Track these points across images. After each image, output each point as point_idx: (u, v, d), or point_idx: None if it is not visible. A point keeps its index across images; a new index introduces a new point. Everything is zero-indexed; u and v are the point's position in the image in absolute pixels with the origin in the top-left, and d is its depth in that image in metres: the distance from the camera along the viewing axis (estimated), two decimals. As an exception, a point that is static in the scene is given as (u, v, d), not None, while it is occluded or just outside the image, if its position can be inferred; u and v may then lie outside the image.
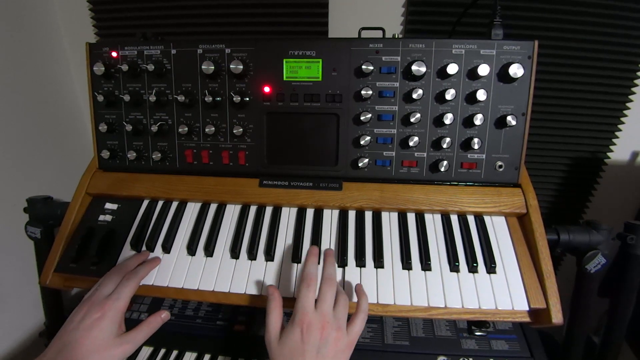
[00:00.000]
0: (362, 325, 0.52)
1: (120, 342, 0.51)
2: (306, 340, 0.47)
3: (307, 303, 0.50)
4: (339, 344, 0.49)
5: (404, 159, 0.66)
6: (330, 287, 0.52)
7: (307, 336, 0.48)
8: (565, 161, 1.08)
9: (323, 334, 0.48)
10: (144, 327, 0.55)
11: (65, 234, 0.66)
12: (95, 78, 0.69)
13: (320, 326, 0.48)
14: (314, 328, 0.48)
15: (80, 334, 0.49)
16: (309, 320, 0.49)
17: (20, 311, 0.97)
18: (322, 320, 0.49)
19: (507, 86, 0.62)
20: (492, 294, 0.57)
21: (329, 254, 0.59)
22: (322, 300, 0.51)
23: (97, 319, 0.50)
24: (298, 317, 0.49)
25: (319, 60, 0.64)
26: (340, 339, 0.49)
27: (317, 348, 0.47)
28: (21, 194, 0.76)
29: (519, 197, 0.64)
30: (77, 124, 1.18)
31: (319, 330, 0.48)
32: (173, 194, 0.69)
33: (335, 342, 0.48)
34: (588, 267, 0.66)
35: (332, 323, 0.49)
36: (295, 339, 0.48)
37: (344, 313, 0.52)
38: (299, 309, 0.50)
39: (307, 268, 0.55)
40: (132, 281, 0.55)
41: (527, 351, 0.65)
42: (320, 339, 0.48)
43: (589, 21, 0.94)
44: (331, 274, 0.54)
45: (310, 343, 0.47)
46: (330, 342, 0.48)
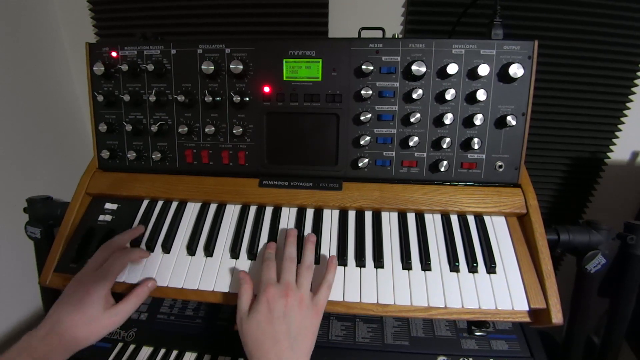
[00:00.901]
0: (327, 294, 0.54)
1: (109, 314, 0.53)
2: (272, 309, 0.50)
3: (269, 277, 0.54)
4: (304, 310, 0.51)
5: (404, 159, 0.66)
6: (290, 263, 0.55)
7: (272, 306, 0.50)
8: (565, 161, 1.08)
9: (287, 301, 0.51)
10: (132, 299, 0.56)
11: (65, 234, 0.66)
12: (95, 78, 0.69)
13: (283, 294, 0.51)
14: (278, 296, 0.51)
15: (71, 309, 0.51)
16: (272, 291, 0.51)
17: (20, 311, 0.97)
18: (285, 289, 0.52)
19: (507, 86, 0.62)
20: (492, 294, 0.57)
21: (290, 234, 0.60)
22: (283, 273, 0.54)
23: (82, 296, 0.52)
24: (262, 290, 0.52)
25: (319, 60, 0.64)
26: (305, 305, 0.52)
27: (284, 314, 0.50)
28: (21, 194, 0.76)
29: (519, 197, 0.64)
30: (77, 124, 1.18)
31: (282, 298, 0.51)
32: (173, 194, 0.69)
33: (300, 308, 0.51)
34: (588, 267, 0.66)
35: (295, 291, 0.52)
36: (262, 310, 0.50)
37: (307, 283, 0.54)
38: (262, 284, 0.53)
39: (265, 254, 0.58)
40: (120, 259, 0.57)
41: (527, 351, 0.65)
42: (285, 306, 0.50)
43: (589, 21, 0.94)
44: (291, 253, 0.57)
45: (276, 311, 0.50)
46: (295, 309, 0.51)
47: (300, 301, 0.51)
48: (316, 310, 0.53)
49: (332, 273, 0.56)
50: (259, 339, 0.49)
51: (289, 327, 0.49)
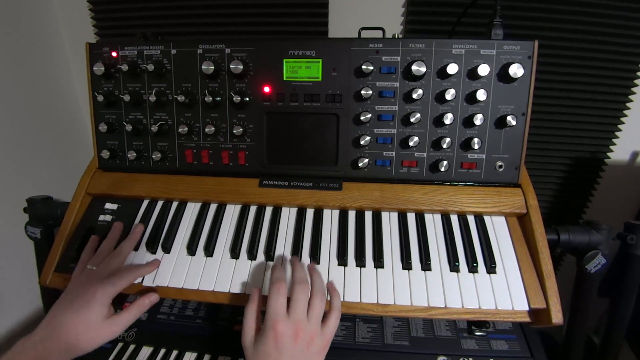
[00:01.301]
0: (337, 322, 0.52)
1: (109, 324, 0.52)
2: (280, 348, 0.47)
3: (278, 308, 0.49)
4: (312, 348, 0.49)
5: (404, 159, 0.66)
6: (302, 290, 0.51)
7: (280, 345, 0.47)
8: (565, 161, 1.08)
9: (297, 341, 0.48)
10: (132, 310, 0.56)
11: (65, 234, 0.66)
12: (95, 78, 0.69)
13: (293, 334, 0.48)
14: (287, 336, 0.47)
15: (71, 314, 0.50)
16: (281, 328, 0.47)
17: (20, 311, 0.97)
18: (296, 327, 0.48)
19: (507, 86, 0.62)
20: (492, 294, 0.57)
21: (295, 260, 0.59)
22: (295, 306, 0.50)
23: (88, 301, 0.51)
24: (270, 324, 0.48)
25: (319, 60, 0.64)
26: (314, 342, 0.49)
27: (292, 355, 0.47)
28: (21, 194, 0.76)
29: (519, 197, 0.64)
30: (77, 124, 1.18)
31: (292, 338, 0.48)
32: (173, 194, 0.69)
33: (308, 346, 0.48)
34: (588, 267, 0.66)
35: (306, 329, 0.49)
36: (269, 348, 0.47)
37: (319, 314, 0.51)
38: (271, 315, 0.49)
39: (274, 274, 0.54)
40: (131, 275, 0.57)
41: (527, 351, 0.65)
42: (294, 346, 0.47)
43: (589, 21, 0.94)
44: (302, 277, 0.53)
45: (284, 352, 0.47)
46: (304, 347, 0.48)
47: (310, 339, 0.49)
48: (324, 342, 0.50)
49: (338, 298, 0.54)
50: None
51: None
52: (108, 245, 0.61)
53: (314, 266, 0.59)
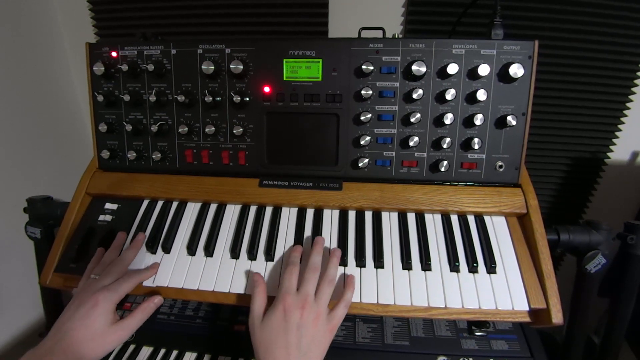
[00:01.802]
0: (343, 313, 0.54)
1: (114, 329, 0.52)
2: (287, 318, 0.49)
3: (289, 285, 0.53)
4: (318, 326, 0.50)
5: (404, 159, 0.66)
6: (313, 274, 0.54)
7: (288, 315, 0.50)
8: (565, 161, 1.08)
9: (303, 314, 0.50)
10: (137, 314, 0.55)
11: (65, 234, 0.66)
12: (95, 78, 0.69)
13: (300, 306, 0.51)
14: (295, 307, 0.50)
15: (76, 324, 0.50)
16: (290, 300, 0.51)
17: (20, 311, 0.97)
18: (303, 301, 0.51)
19: (507, 86, 0.62)
20: (492, 294, 0.57)
21: (318, 242, 0.60)
22: (304, 284, 0.53)
23: (90, 308, 0.51)
24: (280, 297, 0.52)
25: (319, 60, 0.64)
26: (320, 321, 0.51)
27: (298, 326, 0.49)
28: (21, 194, 0.76)
29: (519, 197, 0.64)
30: (77, 124, 1.18)
31: (299, 309, 0.50)
32: (173, 194, 0.69)
33: (315, 323, 0.50)
34: (588, 267, 0.66)
35: (313, 305, 0.51)
36: (277, 318, 0.50)
37: (326, 298, 0.53)
38: (281, 290, 0.52)
39: (290, 258, 0.58)
40: (132, 280, 0.56)
41: (527, 351, 0.65)
42: (300, 318, 0.50)
43: (589, 21, 0.94)
44: (316, 263, 0.56)
45: (291, 321, 0.49)
46: (309, 323, 0.50)
47: (316, 316, 0.51)
48: (330, 327, 0.52)
49: (351, 292, 0.55)
50: (271, 346, 0.49)
51: (300, 340, 0.49)
52: (111, 255, 0.61)
53: (335, 253, 0.59)
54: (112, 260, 0.60)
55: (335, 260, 0.57)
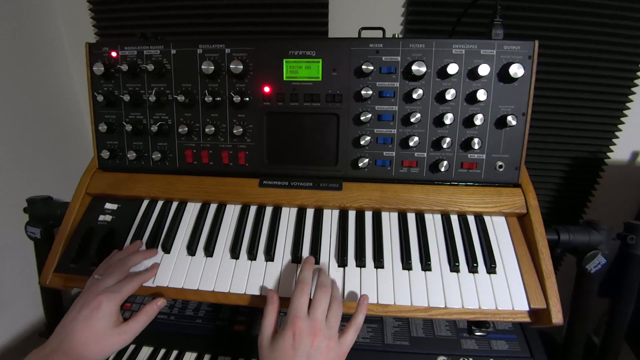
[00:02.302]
0: (354, 338, 0.52)
1: (118, 332, 0.52)
2: (297, 346, 0.47)
3: (300, 307, 0.50)
4: (330, 354, 0.49)
5: (404, 159, 0.66)
6: (324, 294, 0.52)
7: (298, 342, 0.47)
8: (565, 161, 1.08)
9: (314, 342, 0.48)
10: (141, 317, 0.55)
11: (65, 234, 0.66)
12: (95, 78, 0.69)
13: (311, 332, 0.48)
14: (305, 334, 0.48)
15: (79, 325, 0.50)
16: (300, 326, 0.48)
17: (20, 311, 0.97)
18: (314, 327, 0.49)
19: (507, 86, 0.62)
20: (492, 294, 0.57)
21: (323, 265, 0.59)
22: (316, 307, 0.51)
23: (93, 309, 0.51)
24: (290, 321, 0.49)
25: (319, 60, 0.64)
26: (332, 348, 0.49)
27: (308, 355, 0.47)
28: (21, 194, 0.76)
29: (519, 197, 0.64)
30: (77, 124, 1.18)
31: (310, 336, 0.48)
32: (173, 194, 0.69)
33: (327, 351, 0.48)
34: (588, 267, 0.66)
35: (325, 331, 0.49)
36: (286, 344, 0.48)
37: (337, 321, 0.51)
38: (292, 313, 0.50)
39: (302, 273, 0.55)
40: (135, 281, 0.56)
41: (527, 351, 0.65)
42: (311, 347, 0.48)
43: (589, 21, 0.94)
44: (325, 282, 0.54)
45: (300, 349, 0.47)
46: (321, 351, 0.48)
47: (327, 344, 0.49)
48: (341, 353, 0.50)
49: (362, 314, 0.53)
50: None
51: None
52: (116, 258, 0.60)
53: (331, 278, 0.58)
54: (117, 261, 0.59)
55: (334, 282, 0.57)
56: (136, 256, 0.60)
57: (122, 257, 0.60)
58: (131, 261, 0.59)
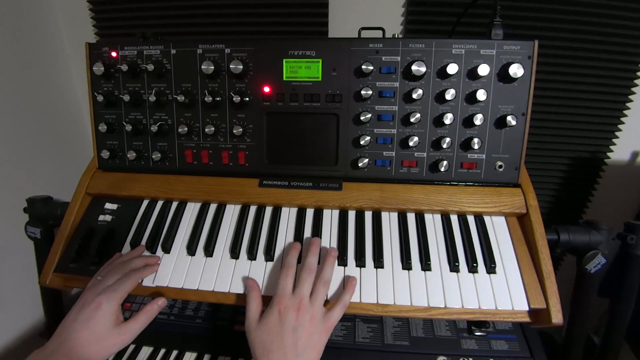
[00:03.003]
0: (340, 314, 0.54)
1: (118, 332, 0.52)
2: (283, 321, 0.50)
3: (285, 287, 0.53)
4: (314, 327, 0.51)
5: (404, 159, 0.66)
6: (308, 275, 0.55)
7: (283, 317, 0.50)
8: (565, 161, 1.08)
9: (299, 316, 0.51)
10: (141, 317, 0.55)
11: (65, 234, 0.66)
12: (95, 78, 0.69)
13: (296, 308, 0.51)
14: (290, 309, 0.51)
15: (79, 326, 0.50)
16: (285, 302, 0.52)
17: (20, 311, 0.97)
18: (298, 303, 0.52)
19: (507, 86, 0.62)
20: (492, 294, 0.57)
21: (314, 243, 0.60)
22: (300, 286, 0.53)
23: (93, 310, 0.51)
24: (276, 300, 0.52)
25: (318, 60, 0.64)
26: (315, 322, 0.52)
27: (293, 328, 0.50)
28: (21, 194, 0.76)
29: (519, 197, 0.64)
30: (77, 124, 1.18)
31: (294, 311, 0.51)
32: (173, 194, 0.69)
33: (310, 324, 0.51)
34: (588, 267, 0.66)
35: (308, 307, 0.52)
36: (273, 320, 0.51)
37: (321, 300, 0.54)
38: (277, 293, 0.53)
39: (287, 258, 0.58)
40: (133, 278, 0.56)
41: (527, 351, 0.65)
42: (295, 320, 0.50)
43: (589, 21, 0.94)
44: (311, 264, 0.56)
45: (286, 324, 0.50)
46: (305, 324, 0.50)
47: (311, 317, 0.51)
48: (326, 328, 0.52)
49: (350, 294, 0.55)
50: (267, 348, 0.49)
51: (296, 341, 0.49)
52: (119, 260, 0.60)
53: (331, 253, 0.59)
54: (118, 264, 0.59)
55: (331, 260, 0.58)
56: (138, 260, 0.60)
57: (124, 260, 0.60)
58: (132, 264, 0.59)
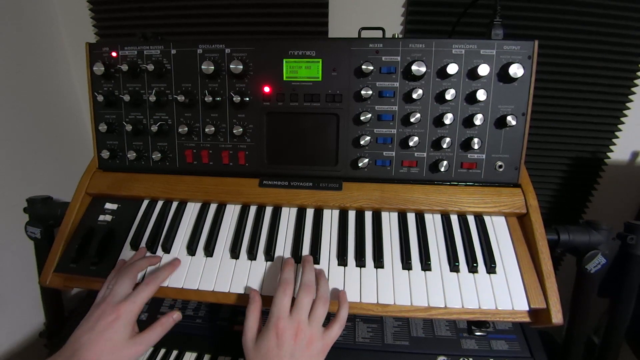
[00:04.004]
0: (338, 332, 0.53)
1: (133, 343, 0.52)
2: (280, 345, 0.49)
3: (282, 308, 0.51)
4: (312, 349, 0.50)
5: (404, 159, 0.66)
6: (307, 294, 0.53)
7: (281, 341, 0.49)
8: (565, 161, 1.08)
9: (297, 340, 0.49)
10: (156, 328, 0.55)
11: (65, 234, 0.66)
12: (95, 78, 0.69)
13: (294, 333, 0.50)
14: (288, 334, 0.49)
15: (95, 336, 0.50)
16: (283, 325, 0.50)
17: (20, 311, 0.97)
18: (296, 327, 0.50)
19: (507, 86, 0.62)
20: (492, 294, 0.57)
21: (307, 260, 0.59)
22: (298, 307, 0.52)
23: (111, 321, 0.51)
24: (273, 321, 0.50)
25: (319, 60, 0.64)
26: (313, 345, 0.50)
27: (291, 354, 0.49)
28: (21, 194, 0.76)
29: (519, 197, 0.64)
30: (77, 124, 1.18)
31: (292, 336, 0.49)
32: (173, 194, 0.69)
33: (308, 347, 0.50)
34: (588, 267, 0.66)
35: (306, 330, 0.50)
36: (270, 344, 0.49)
37: (320, 320, 0.52)
38: (274, 314, 0.51)
39: (283, 274, 0.55)
40: (151, 286, 0.56)
41: (527, 351, 0.65)
42: (294, 344, 0.49)
43: (589, 21, 0.94)
44: (309, 280, 0.54)
45: (284, 349, 0.49)
46: (302, 348, 0.49)
47: (309, 341, 0.50)
48: (324, 348, 0.52)
49: (346, 310, 0.54)
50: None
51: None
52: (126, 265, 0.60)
53: (322, 272, 0.59)
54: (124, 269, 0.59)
55: (324, 278, 0.57)
56: (142, 262, 0.60)
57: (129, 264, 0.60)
58: (138, 266, 0.59)
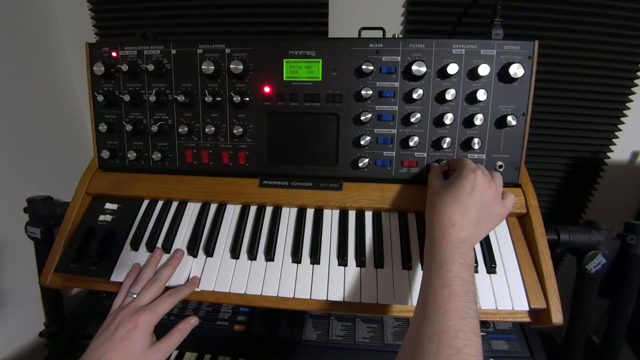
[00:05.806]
0: (514, 200, 0.57)
1: (152, 351, 0.52)
2: (474, 187, 0.52)
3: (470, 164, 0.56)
4: (494, 208, 0.54)
5: (404, 159, 0.66)
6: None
7: (475, 185, 0.52)
8: (565, 161, 1.08)
9: (488, 192, 0.53)
10: (174, 335, 0.55)
11: (65, 234, 0.66)
12: (95, 78, 0.69)
13: (487, 184, 0.53)
14: (483, 182, 0.53)
15: (115, 345, 0.50)
16: (481, 175, 0.53)
17: (20, 311, 0.97)
18: (489, 181, 0.53)
19: (507, 86, 0.62)
20: (492, 294, 0.57)
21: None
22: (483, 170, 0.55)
23: (130, 330, 0.51)
24: (471, 167, 0.54)
25: (319, 60, 0.64)
26: (497, 205, 0.54)
27: (482, 200, 0.52)
28: (21, 194, 0.76)
29: (519, 197, 0.64)
30: (77, 124, 1.18)
31: (486, 185, 0.53)
32: (173, 194, 0.69)
33: (493, 204, 0.53)
34: (588, 267, 0.66)
35: (496, 186, 0.54)
36: (466, 184, 0.52)
37: (500, 185, 0.56)
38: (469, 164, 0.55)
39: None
40: (172, 299, 0.56)
41: (527, 351, 0.65)
42: (483, 194, 0.52)
43: (589, 21, 0.94)
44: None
45: (475, 193, 0.52)
46: (491, 201, 0.53)
47: (495, 199, 0.53)
48: (503, 211, 0.55)
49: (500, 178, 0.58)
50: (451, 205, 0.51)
51: (479, 212, 0.51)
52: (148, 272, 0.60)
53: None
54: (149, 277, 0.59)
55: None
56: (168, 269, 0.60)
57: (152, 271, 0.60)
58: (165, 276, 0.59)
